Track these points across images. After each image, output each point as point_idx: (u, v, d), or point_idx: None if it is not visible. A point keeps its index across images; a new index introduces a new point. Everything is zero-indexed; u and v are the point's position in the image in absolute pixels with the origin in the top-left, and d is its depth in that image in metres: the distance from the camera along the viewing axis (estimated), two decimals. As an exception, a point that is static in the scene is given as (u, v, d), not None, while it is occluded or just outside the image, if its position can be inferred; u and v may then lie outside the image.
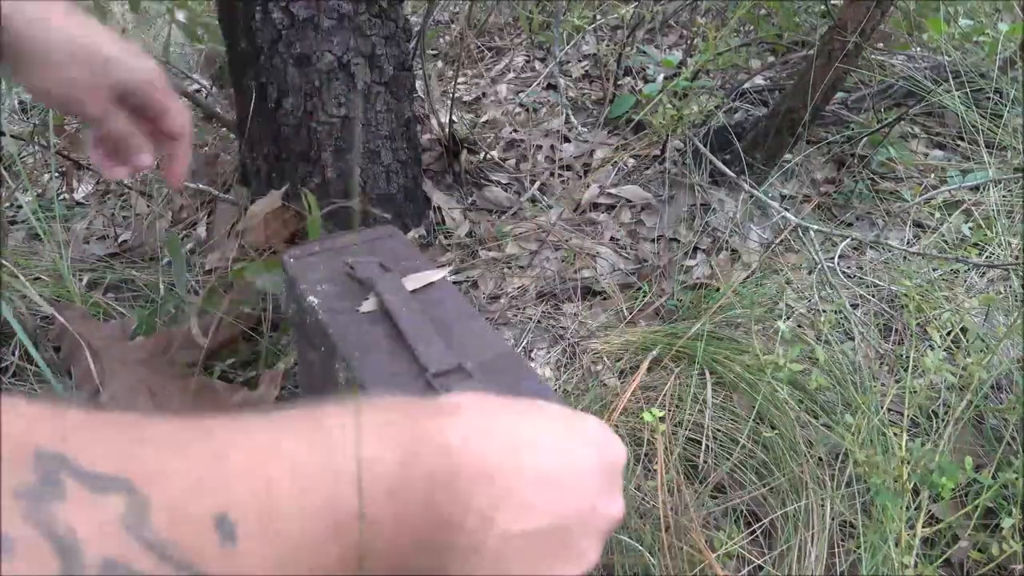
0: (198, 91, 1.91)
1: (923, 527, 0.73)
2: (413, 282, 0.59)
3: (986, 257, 1.18)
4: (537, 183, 1.53)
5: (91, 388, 0.93)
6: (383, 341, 0.52)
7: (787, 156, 1.45)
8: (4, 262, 1.15)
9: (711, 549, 0.78)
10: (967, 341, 1.00)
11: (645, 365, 1.01)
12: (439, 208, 1.42)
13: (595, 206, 1.48)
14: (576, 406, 1.01)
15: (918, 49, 1.71)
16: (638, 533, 0.83)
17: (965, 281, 1.15)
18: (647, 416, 0.79)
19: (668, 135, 1.47)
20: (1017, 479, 0.73)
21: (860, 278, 1.23)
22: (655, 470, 0.87)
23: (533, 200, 1.49)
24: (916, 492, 0.76)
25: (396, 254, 0.64)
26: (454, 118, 1.51)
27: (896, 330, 1.12)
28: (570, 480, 0.30)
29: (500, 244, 1.35)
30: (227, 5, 1.15)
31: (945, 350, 0.87)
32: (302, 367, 0.70)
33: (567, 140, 1.69)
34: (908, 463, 0.74)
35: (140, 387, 0.94)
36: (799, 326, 1.11)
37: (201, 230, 1.40)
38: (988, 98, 1.33)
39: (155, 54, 1.69)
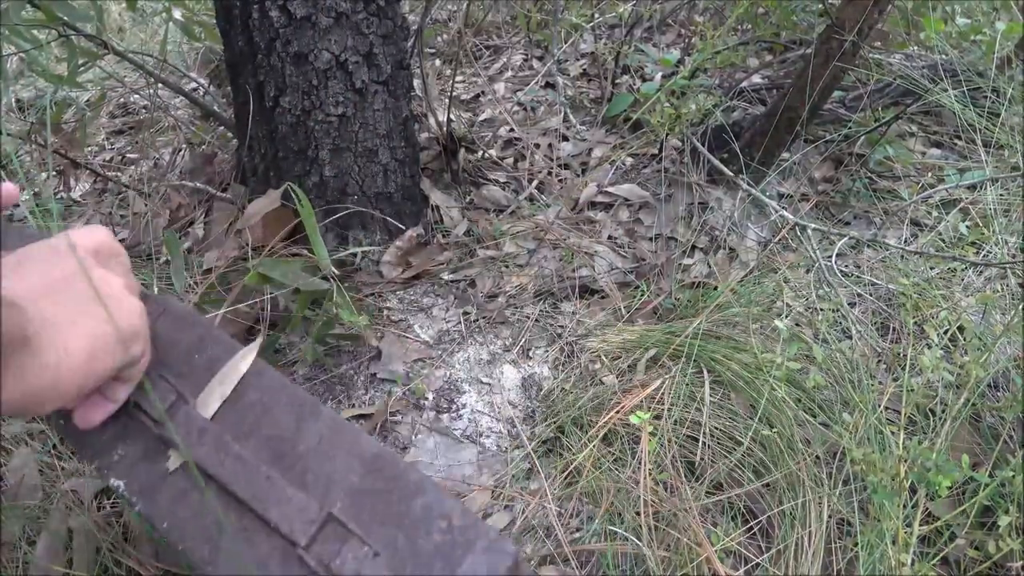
0: (196, 90, 1.91)
1: (920, 525, 0.73)
2: (211, 399, 0.43)
3: (983, 256, 1.18)
4: (535, 182, 1.53)
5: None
6: (223, 512, 0.39)
7: (785, 155, 1.45)
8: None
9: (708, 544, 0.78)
10: (964, 339, 1.00)
11: (647, 369, 1.01)
12: (437, 207, 1.42)
13: (593, 205, 1.48)
14: (574, 404, 1.01)
15: (915, 48, 1.71)
16: (635, 528, 0.83)
17: (962, 280, 1.15)
18: (634, 419, 0.79)
19: (666, 134, 1.47)
20: (1014, 477, 0.73)
21: (858, 277, 1.23)
22: (652, 467, 0.87)
23: (531, 199, 1.49)
24: (913, 490, 0.76)
25: (175, 341, 0.47)
26: (452, 117, 1.51)
27: (894, 328, 1.12)
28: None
29: (498, 243, 1.35)
30: (225, 4, 1.15)
31: (942, 348, 0.87)
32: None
33: (565, 139, 1.69)
34: (905, 461, 0.75)
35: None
36: (797, 325, 1.11)
37: (198, 229, 1.40)
38: (985, 97, 1.33)
39: (153, 52, 1.69)
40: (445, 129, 1.47)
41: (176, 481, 0.41)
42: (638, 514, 0.84)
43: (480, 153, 1.58)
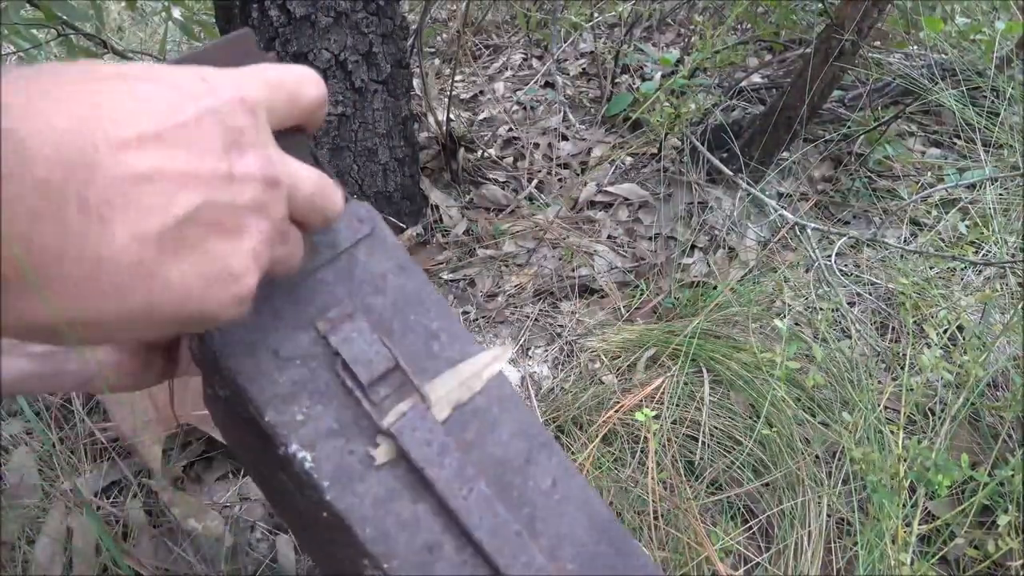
0: (195, 89, 1.91)
1: (920, 524, 0.73)
2: (443, 400, 0.35)
3: (983, 255, 1.18)
4: (535, 181, 1.53)
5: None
6: (437, 536, 0.33)
7: (784, 154, 1.46)
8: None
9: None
10: (964, 339, 1.00)
11: (646, 368, 1.01)
12: (437, 206, 1.42)
13: (592, 204, 1.48)
14: (574, 404, 1.01)
15: (915, 47, 1.71)
16: (636, 528, 0.83)
17: (962, 279, 1.15)
18: (640, 415, 0.79)
19: (665, 133, 1.47)
20: (1013, 476, 0.73)
21: (857, 276, 1.23)
22: (653, 466, 0.87)
23: (531, 198, 1.49)
24: (913, 490, 0.76)
25: (382, 280, 0.36)
26: (451, 116, 1.51)
27: (893, 328, 1.12)
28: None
29: (498, 242, 1.35)
30: (224, 3, 1.15)
31: (942, 348, 0.87)
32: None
33: (565, 138, 1.69)
34: (905, 460, 0.75)
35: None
36: (796, 324, 1.11)
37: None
38: (985, 96, 1.33)
39: (152, 52, 1.69)
40: (444, 128, 1.46)
41: (383, 478, 0.33)
42: (638, 513, 0.84)
43: (479, 152, 1.58)
